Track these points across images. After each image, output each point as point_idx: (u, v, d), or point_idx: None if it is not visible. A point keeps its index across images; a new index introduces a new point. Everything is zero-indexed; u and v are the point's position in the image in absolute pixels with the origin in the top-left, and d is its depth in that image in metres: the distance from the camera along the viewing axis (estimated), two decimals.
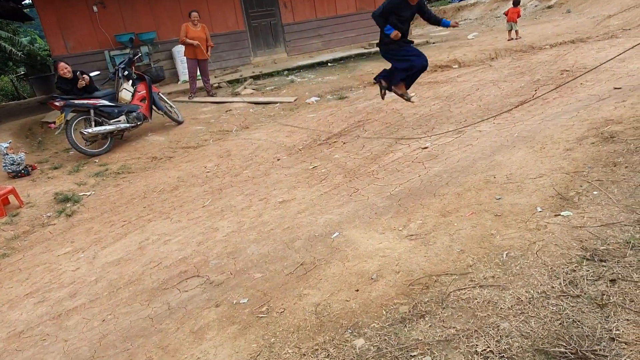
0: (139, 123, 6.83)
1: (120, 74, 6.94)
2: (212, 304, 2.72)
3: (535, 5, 14.33)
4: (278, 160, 5.34)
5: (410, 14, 5.04)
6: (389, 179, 4.11)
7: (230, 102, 8.64)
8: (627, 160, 3.20)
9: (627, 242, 2.41)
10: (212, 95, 9.09)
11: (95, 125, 6.37)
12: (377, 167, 4.49)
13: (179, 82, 10.97)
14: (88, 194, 5.29)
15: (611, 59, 4.97)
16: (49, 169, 6.21)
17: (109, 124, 6.51)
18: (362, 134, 5.71)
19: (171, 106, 7.63)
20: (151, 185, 5.26)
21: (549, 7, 13.98)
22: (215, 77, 10.77)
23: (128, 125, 6.68)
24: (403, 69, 5.10)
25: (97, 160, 6.34)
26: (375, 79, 5.64)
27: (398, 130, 5.54)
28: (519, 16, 10.76)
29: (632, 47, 4.21)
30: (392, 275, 2.61)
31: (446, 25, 5.20)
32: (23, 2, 12.92)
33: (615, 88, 5.21)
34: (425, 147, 4.75)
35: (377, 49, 5.85)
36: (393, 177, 4.14)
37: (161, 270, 3.31)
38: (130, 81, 6.98)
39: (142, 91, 7.01)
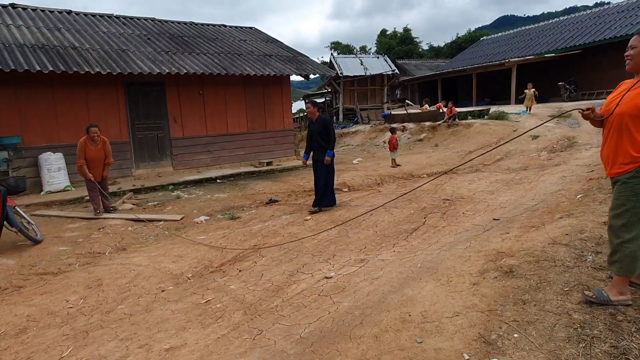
0: None
1: None
2: None
3: (408, 138, 16.20)
4: (163, 291, 4.58)
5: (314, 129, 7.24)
6: (296, 317, 3.66)
7: (104, 218, 7.66)
8: (533, 298, 3.24)
9: None
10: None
11: None
12: (281, 301, 4.03)
13: (41, 193, 9.63)
14: None
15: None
16: None
17: None
18: (259, 260, 5.28)
19: (29, 222, 6.47)
20: None
21: (420, 140, 15.91)
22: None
23: None
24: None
25: None
26: None
27: (297, 257, 5.24)
28: (396, 145, 11.91)
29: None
30: None
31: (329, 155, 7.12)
32: None
33: (495, 219, 5.67)
34: (330, 277, 4.47)
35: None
36: (300, 314, 3.70)
37: None
38: None
39: None
